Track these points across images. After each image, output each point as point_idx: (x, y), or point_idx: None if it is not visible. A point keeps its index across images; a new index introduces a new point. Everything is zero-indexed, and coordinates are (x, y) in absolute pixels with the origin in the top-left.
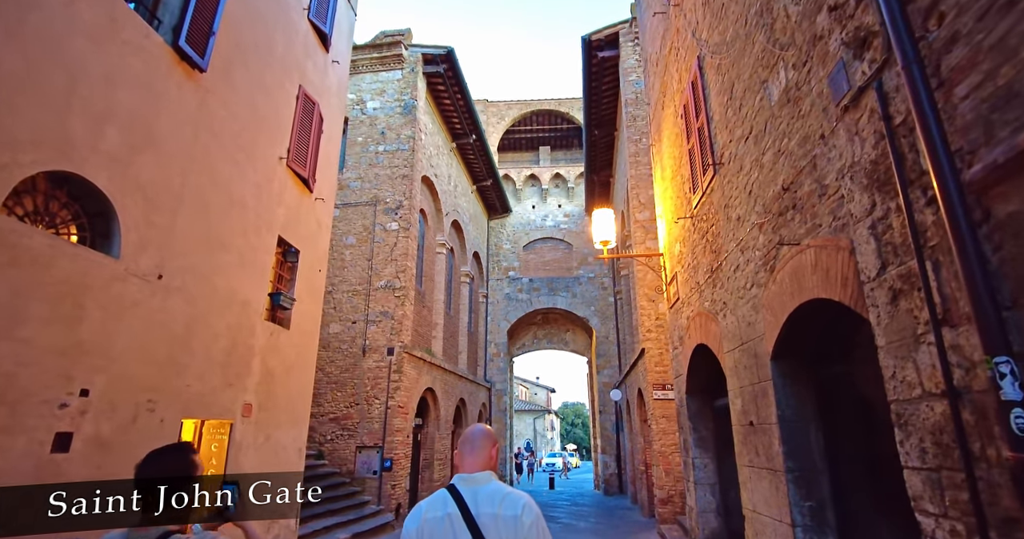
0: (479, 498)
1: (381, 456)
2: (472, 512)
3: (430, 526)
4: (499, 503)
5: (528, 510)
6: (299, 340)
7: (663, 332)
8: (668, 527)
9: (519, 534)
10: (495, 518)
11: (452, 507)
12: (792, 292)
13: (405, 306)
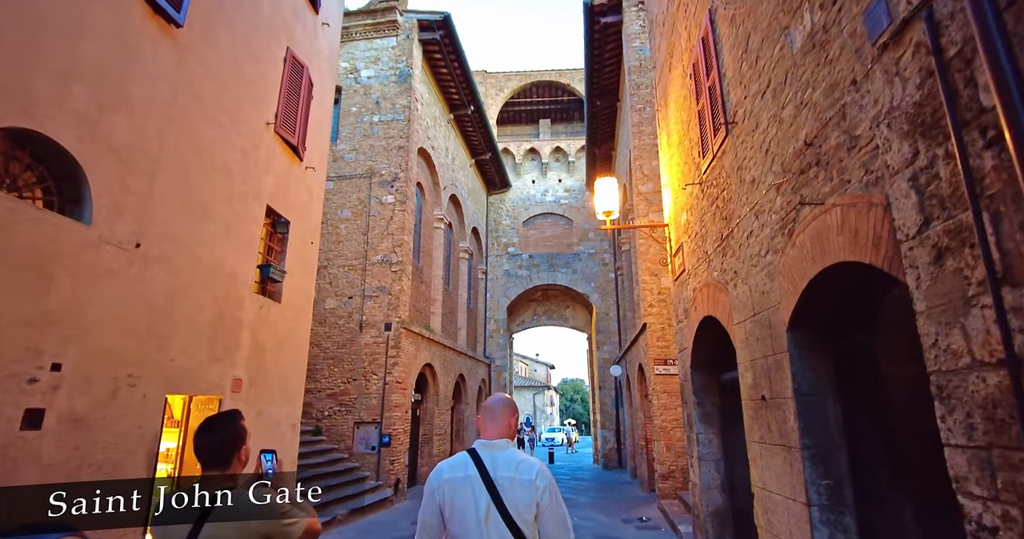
0: (497, 463)
1: (379, 432)
2: (491, 475)
3: (451, 485)
4: (515, 468)
5: (542, 475)
6: (291, 314)
7: (665, 307)
8: (669, 502)
9: (533, 496)
10: (512, 481)
11: (472, 469)
12: (813, 257)
13: (402, 281)
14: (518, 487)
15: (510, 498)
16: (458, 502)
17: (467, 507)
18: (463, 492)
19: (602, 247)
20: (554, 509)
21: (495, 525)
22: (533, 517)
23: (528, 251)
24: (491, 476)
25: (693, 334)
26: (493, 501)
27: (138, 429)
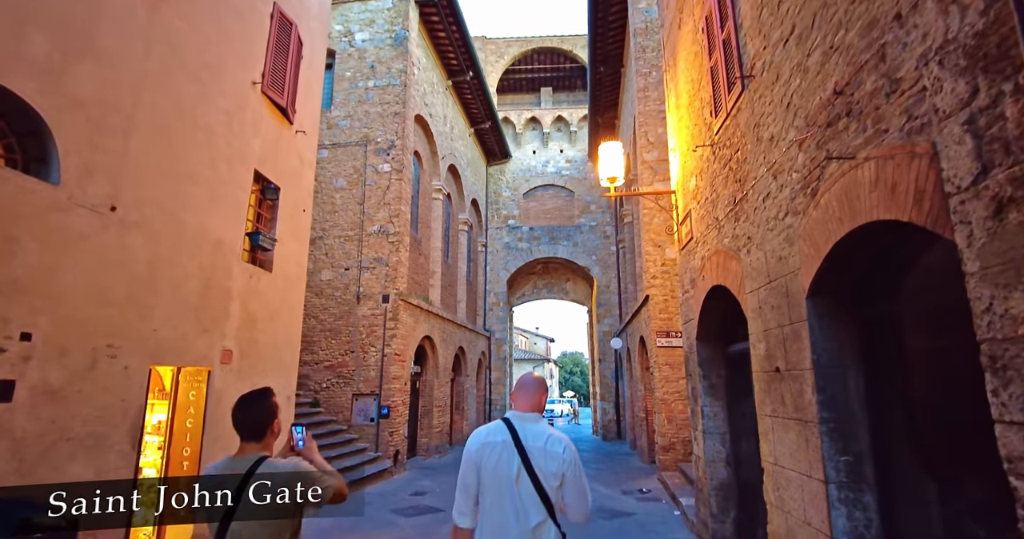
0: (528, 433)
1: (378, 404)
2: (523, 443)
3: (489, 448)
4: (545, 440)
5: (568, 449)
6: (283, 284)
7: (668, 279)
8: (669, 474)
9: (560, 467)
10: (542, 451)
11: (507, 436)
12: (840, 217)
13: (400, 252)
14: (547, 456)
15: (539, 464)
16: (493, 463)
17: (501, 467)
18: (499, 454)
19: (603, 219)
20: (577, 480)
21: (525, 486)
22: (558, 484)
23: (528, 224)
24: (523, 444)
25: (700, 305)
26: (524, 465)
27: (121, 402)
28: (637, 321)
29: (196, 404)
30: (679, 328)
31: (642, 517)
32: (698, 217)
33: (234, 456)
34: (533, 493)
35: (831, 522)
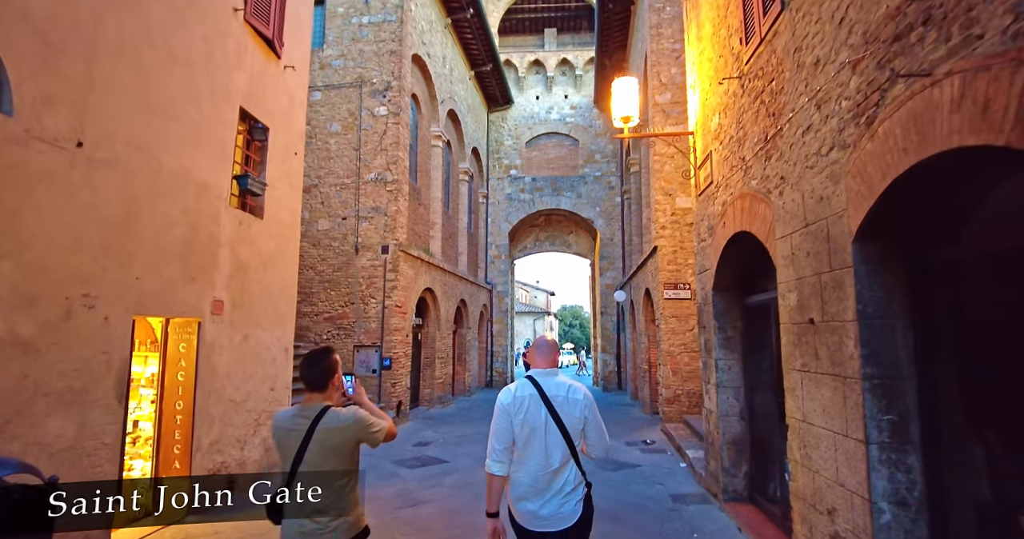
0: (550, 386)
1: (380, 355)
2: (547, 394)
3: (519, 401)
4: (566, 390)
5: (586, 397)
6: (276, 231)
7: (678, 229)
8: (673, 426)
9: (581, 412)
10: (564, 400)
11: (533, 390)
12: (905, 147)
13: (398, 201)
14: (569, 404)
15: (563, 412)
16: (525, 415)
17: (530, 418)
18: (528, 407)
19: (608, 170)
20: (596, 421)
21: (551, 431)
22: (581, 427)
23: (531, 174)
24: (547, 395)
25: (718, 254)
26: (550, 414)
27: (103, 354)
28: (643, 273)
29: (187, 357)
30: (687, 280)
31: (648, 469)
32: (720, 159)
33: (302, 405)
34: (559, 437)
35: (870, 484)
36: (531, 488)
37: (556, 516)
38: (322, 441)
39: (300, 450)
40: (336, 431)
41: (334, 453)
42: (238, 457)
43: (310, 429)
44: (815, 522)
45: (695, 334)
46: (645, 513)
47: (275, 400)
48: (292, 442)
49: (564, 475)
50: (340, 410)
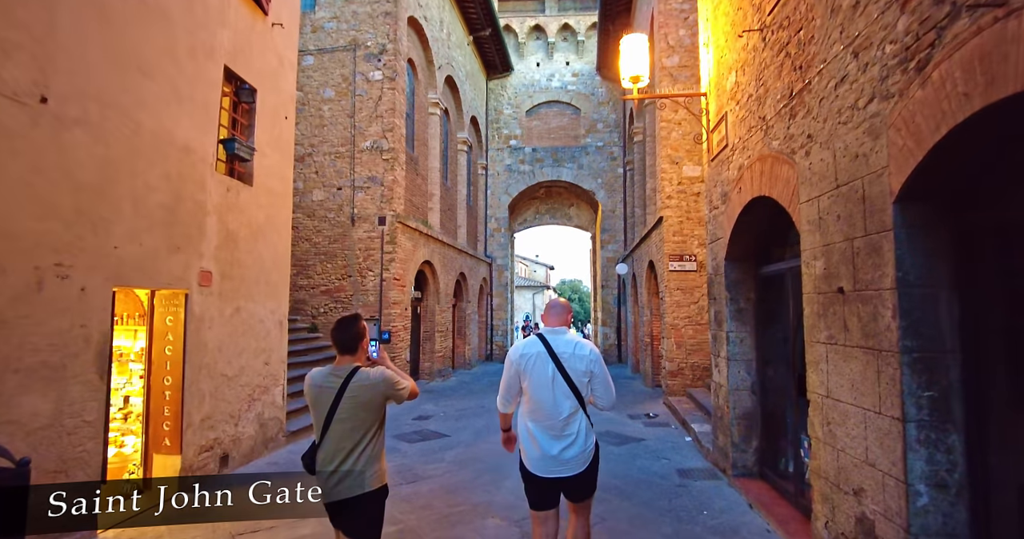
0: (558, 343)
1: (379, 328)
2: (555, 351)
3: (527, 358)
4: (573, 346)
5: (593, 352)
6: (267, 200)
7: (684, 199)
8: (677, 399)
9: (588, 366)
10: (571, 355)
11: (541, 347)
12: (967, 91)
13: (395, 171)
14: (576, 359)
15: (570, 366)
16: (533, 369)
17: (539, 373)
18: (537, 363)
19: (611, 140)
20: (602, 375)
21: (559, 384)
22: (587, 380)
23: (531, 144)
24: (555, 352)
25: (733, 221)
26: (557, 368)
27: (80, 328)
28: (646, 245)
29: (174, 330)
30: (693, 252)
31: (652, 443)
32: (736, 120)
33: (334, 366)
34: (566, 389)
35: (906, 465)
36: (545, 436)
37: (570, 461)
38: (353, 397)
39: (333, 406)
40: (366, 388)
41: (363, 408)
42: (232, 433)
43: (342, 387)
44: (838, 502)
45: (700, 307)
46: (652, 489)
47: (270, 375)
48: (325, 398)
49: (574, 424)
50: (369, 370)
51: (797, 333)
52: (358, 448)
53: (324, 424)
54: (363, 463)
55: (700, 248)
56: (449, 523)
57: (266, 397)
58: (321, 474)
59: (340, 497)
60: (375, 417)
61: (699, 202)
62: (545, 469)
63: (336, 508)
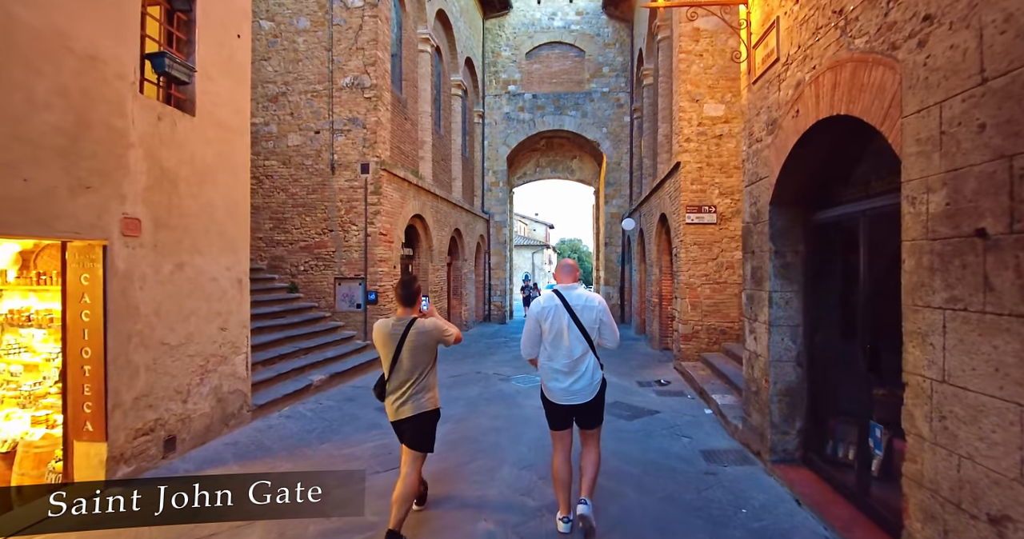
0: (571, 297)
1: (364, 288)
2: (569, 303)
3: (546, 310)
4: (584, 299)
5: (601, 303)
6: (217, 134)
7: (705, 142)
8: (691, 365)
9: (597, 315)
10: (583, 307)
11: (558, 301)
12: None
13: (379, 111)
14: (587, 310)
15: (582, 316)
16: (551, 319)
17: (557, 322)
18: (555, 314)
19: (617, 85)
20: (608, 323)
21: (572, 330)
22: (597, 327)
23: (531, 90)
24: (569, 304)
25: (785, 155)
26: (571, 318)
27: None
28: (658, 197)
29: (91, 291)
30: (713, 202)
31: (668, 416)
32: (793, 24)
33: (397, 317)
34: (579, 335)
35: None
36: (561, 372)
37: (580, 391)
38: (412, 341)
39: (397, 348)
40: (422, 335)
41: (420, 350)
42: (179, 412)
43: (404, 334)
44: (957, 526)
45: (719, 264)
46: (676, 478)
47: (227, 342)
48: (391, 343)
49: (585, 362)
50: (424, 320)
51: (868, 294)
52: (418, 381)
53: (391, 363)
54: (421, 391)
55: (721, 198)
56: (430, 531)
57: (224, 368)
58: (389, 399)
59: (404, 416)
60: (429, 357)
61: (721, 146)
62: (561, 398)
63: (401, 425)
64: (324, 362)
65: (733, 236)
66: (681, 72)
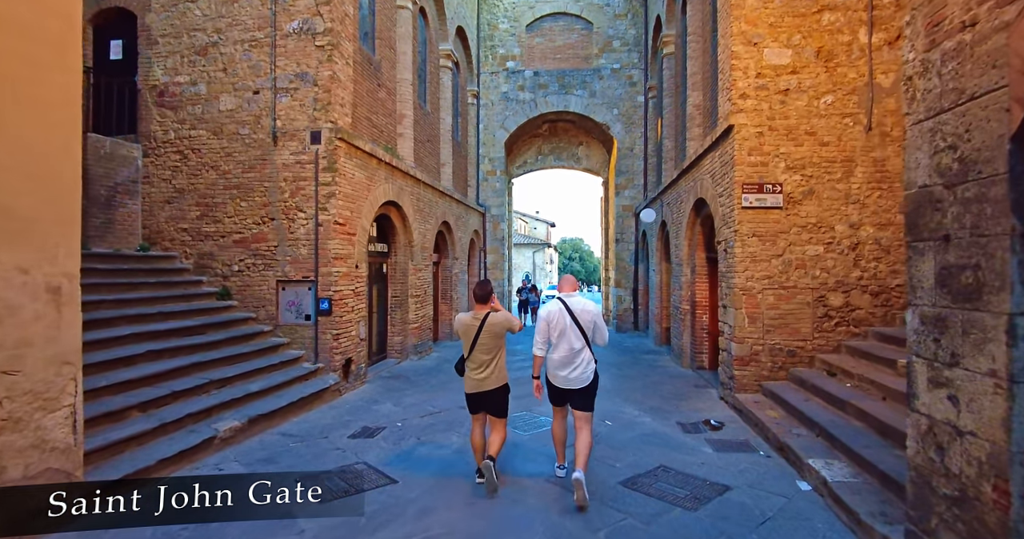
0: (573, 303)
1: (315, 294)
2: (571, 309)
3: (553, 314)
4: (582, 305)
5: (595, 307)
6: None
7: (766, 98)
8: (750, 398)
9: (591, 318)
10: (580, 310)
11: (562, 306)
12: None
13: (335, 63)
14: (584, 314)
15: (580, 318)
16: (557, 320)
17: (561, 321)
18: (559, 315)
19: (630, 60)
20: (600, 325)
21: (573, 329)
22: (592, 328)
23: (533, 66)
24: (571, 309)
25: None
26: (572, 319)
27: None
28: (691, 179)
29: None
30: (778, 178)
31: (747, 497)
32: None
33: (475, 311)
34: (578, 333)
35: None
36: (563, 362)
37: (578, 378)
38: (488, 329)
39: (476, 335)
40: (495, 325)
41: (494, 336)
42: None
43: (481, 324)
44: None
45: (785, 262)
46: None
47: (27, 393)
48: (471, 331)
49: (583, 355)
50: (497, 313)
51: None
52: (492, 361)
53: (471, 347)
54: (494, 370)
55: (789, 174)
56: None
57: (17, 437)
58: (470, 374)
59: (482, 389)
60: (500, 342)
61: (788, 104)
62: (562, 383)
63: (478, 397)
64: (245, 399)
65: (804, 225)
66: (734, 7)
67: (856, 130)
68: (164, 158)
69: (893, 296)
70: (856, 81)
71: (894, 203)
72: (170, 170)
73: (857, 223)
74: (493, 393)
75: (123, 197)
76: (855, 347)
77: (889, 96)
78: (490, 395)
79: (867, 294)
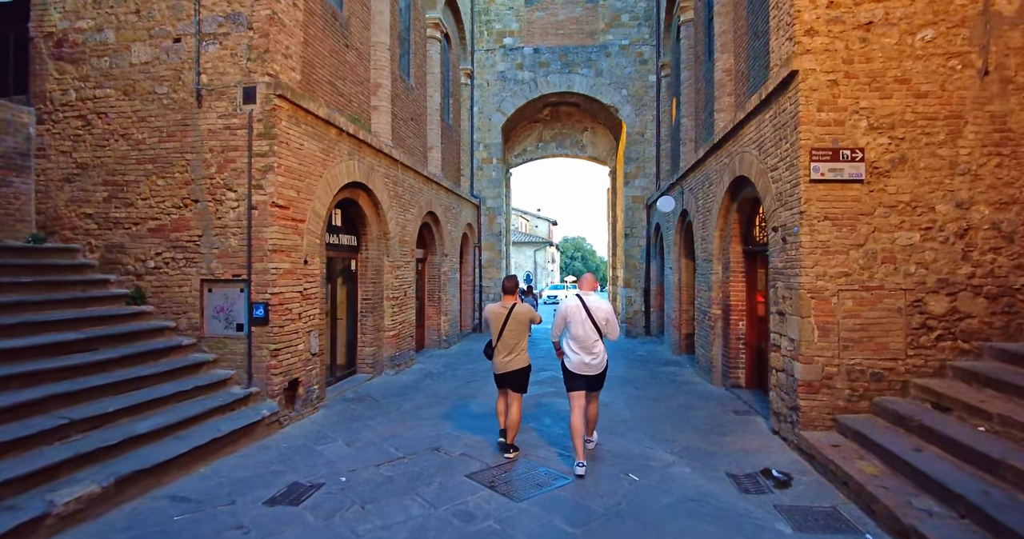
0: (589, 300)
1: (248, 297)
2: (587, 305)
3: (571, 309)
4: (597, 302)
5: (608, 305)
6: None
7: (842, 35)
8: (827, 438)
9: (604, 314)
10: (596, 307)
11: (579, 302)
12: None
13: (276, 2)
14: (598, 310)
15: (595, 314)
16: (574, 314)
17: (578, 316)
18: (577, 311)
19: (640, 36)
20: (613, 321)
21: (587, 323)
22: (605, 322)
23: (533, 43)
24: (587, 305)
25: None
26: (587, 314)
27: None
28: (724, 154)
29: None
30: (858, 142)
31: None
32: None
33: (503, 301)
34: (592, 326)
35: None
36: (580, 350)
37: (591, 366)
38: (514, 318)
39: (503, 323)
40: (520, 314)
41: (519, 324)
42: None
43: (508, 313)
44: None
45: (868, 253)
46: None
47: None
48: (499, 319)
49: (596, 347)
50: (521, 305)
51: None
52: (517, 346)
53: (499, 333)
54: (519, 353)
55: (873, 135)
56: None
57: None
58: (498, 358)
59: (509, 370)
60: (524, 329)
61: (870, 43)
62: (579, 369)
63: (505, 377)
64: (124, 445)
65: (894, 204)
66: None
67: (966, 75)
68: (63, 125)
69: (1019, 300)
70: (967, 8)
71: (1021, 174)
72: (71, 140)
73: (967, 201)
74: (517, 373)
75: (9, 174)
76: (968, 369)
77: (1013, 28)
78: (515, 374)
79: (982, 297)
